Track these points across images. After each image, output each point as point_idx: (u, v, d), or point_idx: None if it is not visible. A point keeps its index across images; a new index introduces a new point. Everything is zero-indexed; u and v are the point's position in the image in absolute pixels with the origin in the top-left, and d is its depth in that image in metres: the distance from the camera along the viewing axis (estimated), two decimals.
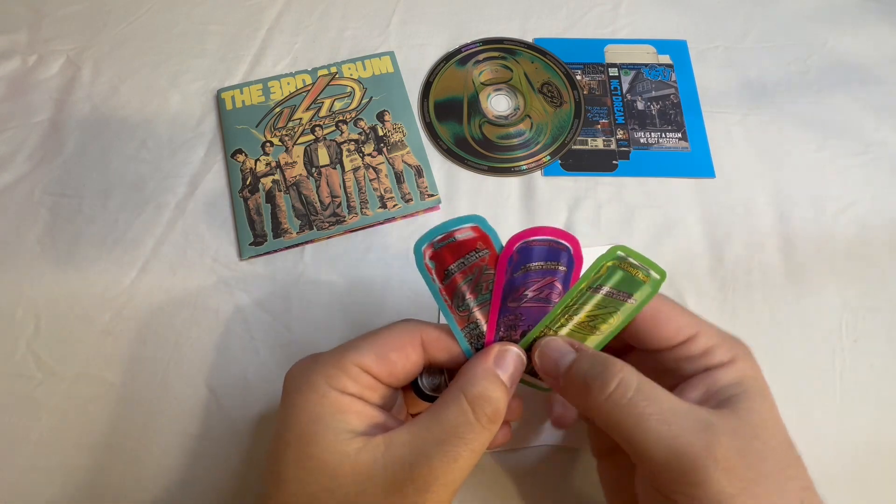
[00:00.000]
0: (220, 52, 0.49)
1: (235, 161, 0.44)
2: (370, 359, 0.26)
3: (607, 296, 0.27)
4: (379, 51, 0.49)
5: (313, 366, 0.26)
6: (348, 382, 0.26)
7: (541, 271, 0.27)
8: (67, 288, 0.39)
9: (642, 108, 0.47)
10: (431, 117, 0.47)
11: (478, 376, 0.26)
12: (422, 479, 0.23)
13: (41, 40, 0.49)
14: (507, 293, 0.27)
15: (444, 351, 0.27)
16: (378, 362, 0.26)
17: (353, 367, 0.26)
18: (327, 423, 0.25)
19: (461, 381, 0.26)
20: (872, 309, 0.40)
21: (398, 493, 0.23)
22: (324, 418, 0.25)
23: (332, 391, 0.25)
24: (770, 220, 0.43)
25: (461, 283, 0.27)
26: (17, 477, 0.34)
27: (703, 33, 0.51)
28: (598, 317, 0.27)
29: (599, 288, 0.27)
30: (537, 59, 0.49)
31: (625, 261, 0.27)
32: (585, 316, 0.27)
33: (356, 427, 0.25)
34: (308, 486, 0.24)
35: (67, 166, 0.44)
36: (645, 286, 0.27)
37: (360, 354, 0.26)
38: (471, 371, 0.26)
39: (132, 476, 0.34)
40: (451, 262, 0.26)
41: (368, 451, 0.24)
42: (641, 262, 0.27)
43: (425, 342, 0.27)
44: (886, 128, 0.46)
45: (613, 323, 0.27)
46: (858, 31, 0.51)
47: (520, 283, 0.27)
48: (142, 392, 0.36)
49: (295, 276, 0.40)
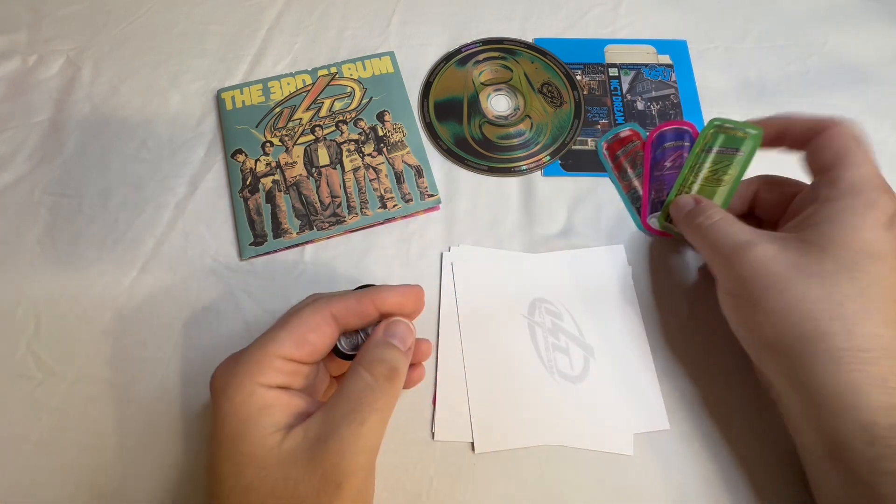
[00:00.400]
0: (220, 52, 0.49)
1: (235, 161, 0.44)
2: (290, 346, 0.28)
3: (719, 153, 0.37)
4: (379, 51, 0.49)
5: (237, 366, 0.28)
6: (273, 375, 0.28)
7: (673, 148, 0.40)
8: (67, 288, 0.39)
9: (642, 109, 0.47)
10: (431, 117, 0.47)
11: (369, 347, 0.29)
12: (335, 449, 0.26)
13: (41, 40, 0.49)
14: (653, 166, 0.40)
15: (355, 316, 0.30)
16: (298, 347, 0.28)
17: (276, 358, 0.28)
18: (255, 420, 0.27)
19: (357, 358, 0.29)
20: None
21: (318, 468, 0.26)
22: (251, 416, 0.27)
23: (258, 388, 0.27)
24: None
25: (625, 163, 0.41)
26: (17, 477, 0.34)
27: (703, 33, 0.51)
28: (718, 170, 0.36)
29: (711, 149, 0.37)
30: (537, 60, 0.49)
31: (722, 126, 0.37)
32: (709, 171, 0.37)
33: (280, 420, 0.27)
34: (243, 478, 0.26)
35: (67, 166, 0.44)
36: (747, 140, 0.36)
37: (280, 345, 0.28)
38: (365, 347, 0.29)
39: (132, 476, 0.34)
40: (618, 149, 0.42)
41: (291, 440, 0.26)
42: (735, 124, 0.36)
43: (335, 315, 0.29)
44: (886, 128, 0.46)
45: (732, 173, 0.36)
46: (858, 31, 0.51)
47: (660, 158, 0.40)
48: (142, 392, 0.36)
49: (295, 277, 0.40)
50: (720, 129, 0.37)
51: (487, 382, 0.36)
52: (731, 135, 0.36)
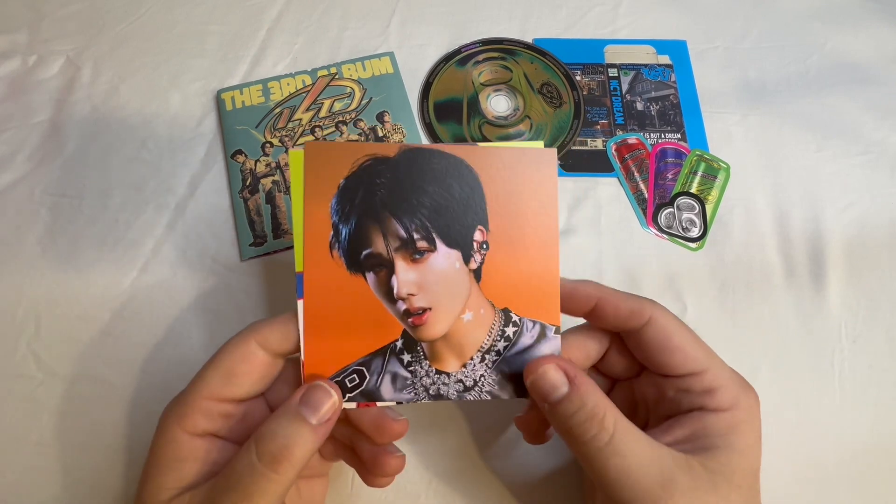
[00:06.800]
0: (220, 53, 0.49)
1: (235, 162, 0.44)
2: (217, 384, 0.26)
3: (703, 177, 0.44)
4: (379, 51, 0.49)
5: (172, 406, 0.27)
6: (199, 420, 0.26)
7: (673, 164, 0.44)
8: (68, 288, 0.39)
9: (642, 109, 0.47)
10: (431, 118, 0.47)
11: (274, 414, 0.25)
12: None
13: (41, 40, 0.49)
14: (656, 175, 0.44)
15: (284, 340, 0.27)
16: (226, 384, 0.26)
17: (203, 400, 0.26)
18: (162, 470, 0.25)
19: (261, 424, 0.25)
20: (871, 309, 0.40)
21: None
22: (160, 466, 0.26)
23: (179, 435, 0.26)
24: (770, 220, 0.43)
25: (632, 166, 0.44)
26: (17, 477, 0.34)
27: (702, 33, 0.51)
28: (703, 190, 0.43)
29: (696, 172, 0.44)
30: (537, 60, 0.49)
31: (702, 156, 0.44)
32: (697, 189, 0.43)
33: (187, 476, 0.25)
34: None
35: (68, 167, 0.44)
36: (721, 171, 0.44)
37: (206, 385, 0.26)
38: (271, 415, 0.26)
39: (132, 476, 0.34)
40: (626, 153, 0.45)
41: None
42: (711, 157, 0.44)
43: (262, 343, 0.27)
44: (886, 128, 0.46)
45: (714, 194, 0.43)
46: (858, 31, 0.51)
47: (663, 169, 0.44)
48: (142, 392, 0.36)
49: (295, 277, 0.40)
50: (701, 158, 0.44)
51: None
52: (710, 164, 0.44)
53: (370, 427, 0.27)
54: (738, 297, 0.40)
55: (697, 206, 0.43)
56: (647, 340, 0.28)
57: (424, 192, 0.28)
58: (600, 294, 0.29)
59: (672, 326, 0.28)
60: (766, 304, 0.40)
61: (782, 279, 0.41)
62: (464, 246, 0.28)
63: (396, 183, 0.28)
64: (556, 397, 0.26)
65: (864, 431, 0.37)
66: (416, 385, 0.28)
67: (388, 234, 0.28)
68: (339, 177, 0.28)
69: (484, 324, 0.28)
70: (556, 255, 0.28)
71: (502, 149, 0.28)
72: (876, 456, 0.36)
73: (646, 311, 0.28)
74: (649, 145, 0.45)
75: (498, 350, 0.28)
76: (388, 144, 0.30)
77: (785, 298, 0.40)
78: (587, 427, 0.25)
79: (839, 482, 0.35)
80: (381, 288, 0.28)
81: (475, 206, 0.28)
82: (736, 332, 0.39)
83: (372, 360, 0.28)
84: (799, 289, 0.40)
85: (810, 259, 0.41)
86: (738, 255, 0.42)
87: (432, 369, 0.28)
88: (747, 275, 0.41)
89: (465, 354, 0.28)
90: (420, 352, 0.28)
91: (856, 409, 0.37)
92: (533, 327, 0.29)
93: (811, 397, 0.37)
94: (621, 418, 0.26)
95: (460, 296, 0.28)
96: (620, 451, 0.25)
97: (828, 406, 0.37)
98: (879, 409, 0.37)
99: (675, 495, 0.25)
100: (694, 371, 0.27)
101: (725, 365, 0.28)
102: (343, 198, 0.28)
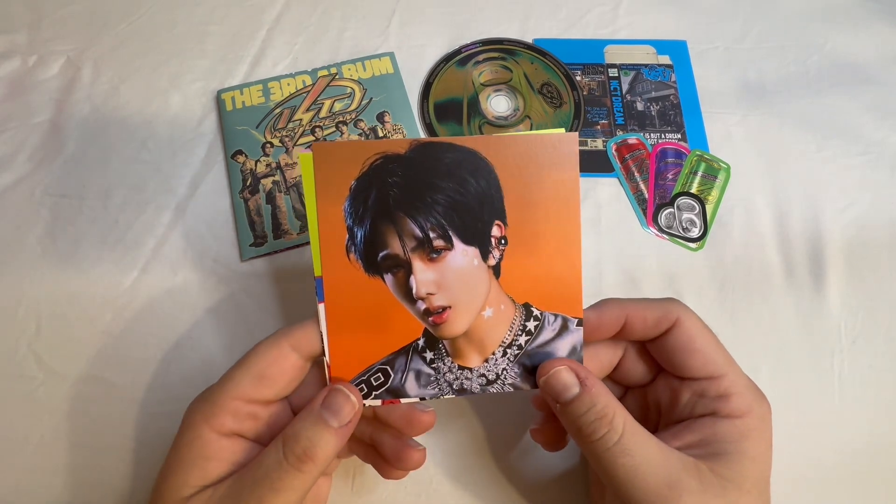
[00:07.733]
0: (220, 53, 0.49)
1: (236, 162, 0.44)
2: (247, 386, 0.26)
3: (703, 177, 0.44)
4: (379, 51, 0.49)
5: (200, 404, 0.27)
6: (227, 420, 0.26)
7: (674, 164, 0.44)
8: (68, 288, 0.39)
9: (642, 109, 0.47)
10: (431, 118, 0.47)
11: (299, 416, 0.26)
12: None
13: (41, 40, 0.49)
14: (657, 175, 0.44)
15: (316, 342, 0.27)
16: (257, 385, 0.27)
17: (232, 401, 0.26)
18: (186, 467, 0.26)
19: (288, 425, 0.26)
20: (871, 309, 0.40)
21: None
22: (184, 463, 0.26)
23: (206, 433, 0.26)
24: (770, 220, 0.43)
25: (632, 166, 0.44)
26: (17, 477, 0.34)
27: (702, 33, 0.51)
28: (704, 190, 0.43)
29: (697, 172, 0.44)
30: (537, 60, 0.49)
31: (702, 156, 0.44)
32: (697, 190, 0.43)
33: (211, 475, 0.26)
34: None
35: (68, 167, 0.44)
36: (721, 171, 0.44)
37: (237, 386, 0.26)
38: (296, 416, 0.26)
39: (134, 475, 0.34)
40: (626, 153, 0.45)
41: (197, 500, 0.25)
42: (711, 157, 0.44)
43: (294, 346, 0.27)
44: (886, 128, 0.46)
45: (714, 195, 0.43)
46: (858, 31, 0.51)
47: (663, 169, 0.44)
48: (142, 393, 0.36)
49: (296, 277, 0.40)
50: (701, 158, 0.44)
51: None
52: (710, 164, 0.44)
53: (400, 421, 0.28)
54: (737, 297, 0.40)
55: (697, 206, 0.43)
56: (671, 342, 0.28)
57: (438, 188, 0.27)
58: (625, 312, 0.28)
59: (696, 329, 0.28)
60: (765, 305, 0.40)
61: (782, 279, 0.41)
62: (481, 242, 0.28)
63: (409, 181, 0.27)
64: (568, 397, 0.27)
65: (863, 431, 0.37)
66: (439, 381, 0.28)
67: (403, 234, 0.27)
68: (350, 178, 0.27)
69: (504, 320, 0.28)
70: (578, 246, 0.28)
71: (519, 137, 0.27)
72: (875, 456, 0.36)
73: (672, 314, 0.28)
74: (649, 145, 0.45)
75: (520, 344, 0.28)
76: (398, 140, 0.29)
77: (785, 299, 0.40)
78: (597, 427, 0.26)
79: (839, 482, 0.35)
80: (399, 289, 0.28)
81: (492, 199, 0.27)
82: (736, 333, 0.39)
83: (395, 358, 0.28)
84: (799, 289, 0.40)
85: (810, 259, 0.41)
86: (737, 255, 0.42)
87: (455, 365, 0.28)
88: (747, 275, 0.41)
89: (487, 350, 0.28)
90: (442, 349, 0.28)
91: (855, 410, 0.37)
92: (555, 321, 0.28)
93: (811, 397, 0.37)
94: (630, 420, 0.26)
95: (480, 293, 0.28)
96: (629, 451, 0.25)
97: (827, 406, 0.37)
98: (879, 410, 0.37)
99: (683, 496, 0.25)
100: (712, 375, 0.28)
101: (742, 372, 0.28)
102: (356, 200, 0.27)
